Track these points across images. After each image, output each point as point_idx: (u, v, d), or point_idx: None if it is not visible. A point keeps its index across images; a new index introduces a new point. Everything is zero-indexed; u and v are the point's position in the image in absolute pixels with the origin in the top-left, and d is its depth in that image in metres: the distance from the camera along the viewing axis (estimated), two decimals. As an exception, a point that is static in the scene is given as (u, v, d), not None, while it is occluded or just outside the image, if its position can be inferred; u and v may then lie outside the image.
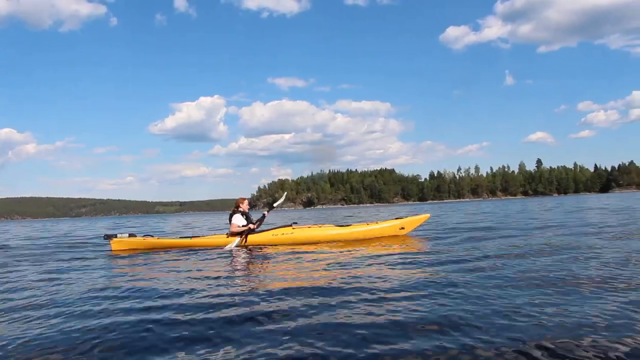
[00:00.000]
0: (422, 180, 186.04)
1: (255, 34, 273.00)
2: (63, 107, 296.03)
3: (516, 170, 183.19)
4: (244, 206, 8.87)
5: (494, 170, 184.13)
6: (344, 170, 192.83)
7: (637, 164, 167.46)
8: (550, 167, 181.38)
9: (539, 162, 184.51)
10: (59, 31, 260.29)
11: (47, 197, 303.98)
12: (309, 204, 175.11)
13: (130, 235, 8.76)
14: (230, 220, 8.74)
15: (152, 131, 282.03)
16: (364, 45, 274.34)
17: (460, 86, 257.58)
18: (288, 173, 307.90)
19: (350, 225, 9.07)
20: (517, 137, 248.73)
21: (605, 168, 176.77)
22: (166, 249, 8.47)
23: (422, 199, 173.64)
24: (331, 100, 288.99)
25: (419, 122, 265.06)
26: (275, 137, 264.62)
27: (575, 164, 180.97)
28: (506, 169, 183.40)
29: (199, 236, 9.17)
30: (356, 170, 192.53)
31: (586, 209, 18.93)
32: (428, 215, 9.76)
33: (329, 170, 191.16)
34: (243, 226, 8.60)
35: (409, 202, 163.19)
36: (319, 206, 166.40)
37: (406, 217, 9.41)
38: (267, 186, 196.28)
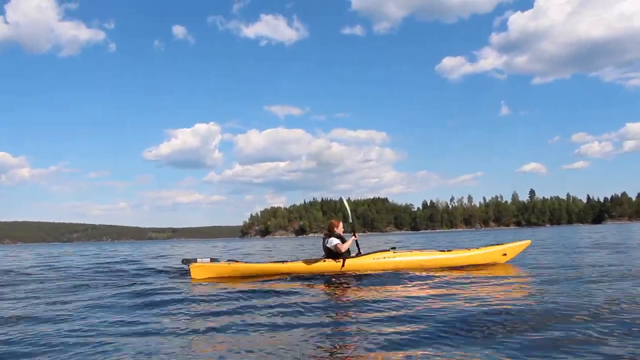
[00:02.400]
0: (415, 209, 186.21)
1: (252, 62, 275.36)
2: (58, 131, 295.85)
3: (509, 201, 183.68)
4: (339, 229, 8.28)
5: (487, 201, 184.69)
6: (336, 198, 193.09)
7: (630, 196, 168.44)
8: (543, 198, 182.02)
9: (532, 192, 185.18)
10: (58, 56, 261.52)
11: (38, 222, 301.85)
12: (301, 232, 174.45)
13: (212, 259, 8.03)
14: (324, 244, 8.19)
15: (146, 157, 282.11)
16: (361, 75, 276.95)
17: (455, 116, 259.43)
18: (282, 201, 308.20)
19: (451, 250, 8.66)
20: (511, 167, 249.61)
21: (598, 199, 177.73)
22: (255, 275, 7.75)
23: (414, 228, 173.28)
24: (327, 129, 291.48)
25: (414, 151, 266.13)
26: (270, 164, 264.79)
27: (568, 195, 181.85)
28: (499, 199, 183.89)
29: (290, 261, 8.40)
30: (349, 198, 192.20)
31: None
32: (529, 241, 9.36)
33: (322, 199, 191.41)
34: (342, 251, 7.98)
35: (402, 232, 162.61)
36: (310, 234, 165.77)
37: (508, 243, 9.04)
38: (259, 214, 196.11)
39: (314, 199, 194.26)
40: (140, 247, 40.38)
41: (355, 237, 8.33)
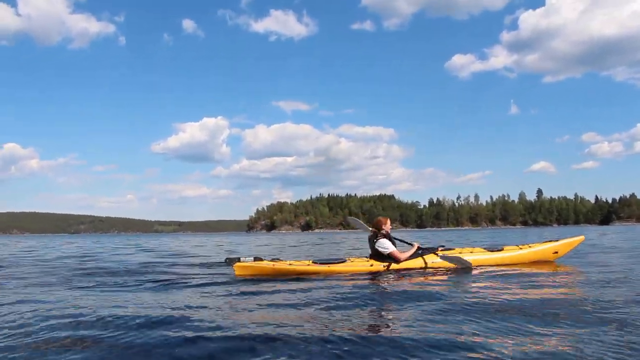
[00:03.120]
0: (421, 207, 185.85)
1: (261, 57, 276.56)
2: (67, 123, 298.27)
3: (516, 200, 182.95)
4: (387, 227, 7.90)
5: (494, 199, 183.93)
6: (343, 194, 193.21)
7: (639, 197, 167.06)
8: (551, 198, 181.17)
9: (539, 192, 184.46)
10: (68, 48, 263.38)
11: (46, 213, 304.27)
12: (306, 227, 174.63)
13: (256, 258, 7.86)
14: (371, 243, 7.87)
15: (154, 150, 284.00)
16: (369, 71, 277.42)
17: (464, 114, 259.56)
18: (289, 196, 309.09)
19: (501, 249, 8.44)
20: (519, 166, 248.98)
21: (606, 200, 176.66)
22: (300, 275, 7.52)
23: (420, 225, 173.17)
24: (335, 125, 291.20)
25: (421, 148, 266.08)
26: (277, 159, 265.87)
27: (576, 195, 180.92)
28: (506, 198, 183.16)
29: (335, 262, 8.11)
30: (355, 195, 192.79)
31: None
32: (582, 237, 9.08)
33: (328, 195, 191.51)
34: (400, 251, 7.68)
35: (407, 229, 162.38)
36: (316, 230, 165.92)
37: (559, 240, 8.78)
38: (265, 208, 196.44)
39: (320, 194, 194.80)
40: (169, 241, 40.40)
41: (418, 245, 7.91)
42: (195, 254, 14.64)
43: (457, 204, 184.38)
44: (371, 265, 7.67)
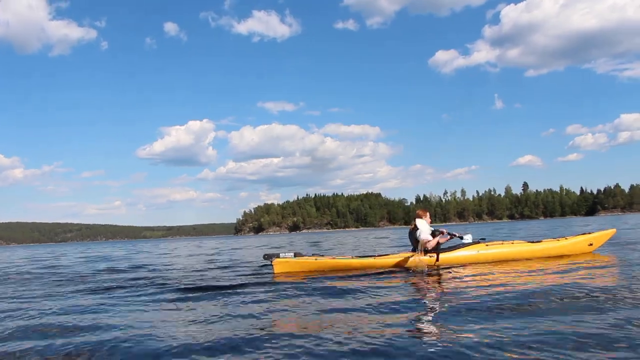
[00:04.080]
0: (409, 204, 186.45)
1: (245, 58, 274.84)
2: (51, 131, 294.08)
3: (502, 194, 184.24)
4: (427, 219, 7.85)
5: (480, 194, 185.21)
6: (330, 194, 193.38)
7: (623, 187, 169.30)
8: (537, 191, 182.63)
9: (525, 185, 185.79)
10: (49, 55, 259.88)
11: (32, 222, 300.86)
12: (294, 228, 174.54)
13: (296, 254, 7.71)
14: (411, 236, 7.84)
15: (140, 155, 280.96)
16: (354, 69, 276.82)
17: (449, 110, 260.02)
18: (277, 197, 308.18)
19: (540, 241, 8.45)
20: (505, 160, 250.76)
21: (591, 191, 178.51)
22: (342, 270, 7.41)
23: (408, 223, 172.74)
24: (321, 124, 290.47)
25: (408, 146, 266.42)
26: (264, 161, 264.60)
27: (561, 187, 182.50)
28: (492, 193, 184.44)
29: (378, 255, 8.06)
30: (342, 194, 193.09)
31: None
32: (614, 230, 9.15)
33: (315, 195, 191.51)
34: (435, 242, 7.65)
35: (395, 226, 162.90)
36: (304, 230, 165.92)
37: (592, 232, 8.82)
38: (253, 210, 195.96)
39: (307, 194, 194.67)
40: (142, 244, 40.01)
41: (446, 233, 7.87)
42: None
43: (444, 200, 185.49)
44: (416, 256, 7.61)
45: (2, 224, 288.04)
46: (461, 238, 7.81)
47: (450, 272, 6.85)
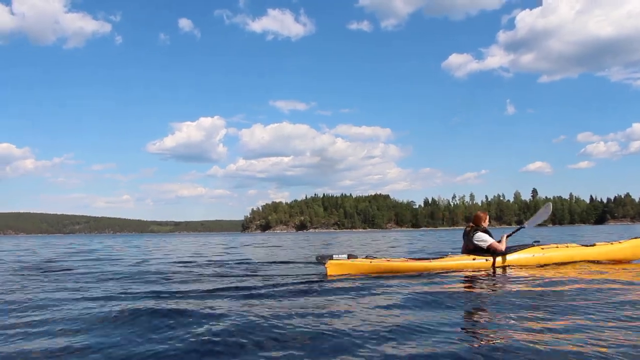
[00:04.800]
0: (417, 207, 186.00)
1: (258, 57, 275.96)
2: (63, 123, 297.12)
3: (511, 199, 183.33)
4: (486, 222, 7.79)
5: (489, 199, 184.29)
6: (338, 194, 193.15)
7: (633, 197, 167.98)
8: (546, 197, 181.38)
9: (534, 191, 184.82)
10: (63, 48, 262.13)
11: (41, 213, 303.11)
12: (301, 227, 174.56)
13: (350, 256, 7.54)
14: (467, 238, 7.75)
15: (150, 150, 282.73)
16: (367, 71, 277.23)
17: (461, 114, 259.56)
18: (285, 196, 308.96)
19: (594, 244, 8.29)
20: (515, 166, 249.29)
21: (601, 200, 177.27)
22: (397, 273, 7.30)
23: (415, 225, 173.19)
24: (332, 125, 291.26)
25: (418, 148, 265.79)
26: (274, 159, 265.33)
27: (570, 195, 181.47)
28: (501, 198, 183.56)
29: (433, 258, 7.94)
30: (350, 195, 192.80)
31: None
32: None
33: (323, 195, 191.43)
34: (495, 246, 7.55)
35: (403, 229, 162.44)
36: (311, 230, 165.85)
37: None
38: (260, 208, 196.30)
39: (315, 194, 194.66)
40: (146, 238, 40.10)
41: (505, 237, 7.75)
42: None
43: (452, 204, 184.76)
44: (473, 260, 7.53)
45: (12, 213, 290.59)
46: (522, 226, 7.85)
47: (507, 276, 6.79)
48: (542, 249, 7.81)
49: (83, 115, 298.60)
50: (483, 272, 7.13)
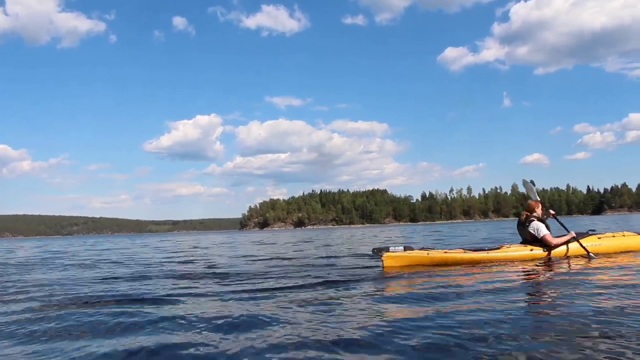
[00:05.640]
0: (414, 201, 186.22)
1: (253, 53, 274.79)
2: (58, 123, 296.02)
3: (509, 192, 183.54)
4: (539, 211, 7.76)
5: (487, 192, 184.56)
6: (336, 190, 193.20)
7: (630, 187, 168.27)
8: (543, 189, 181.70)
9: (532, 183, 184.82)
10: (57, 47, 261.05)
11: (39, 215, 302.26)
12: (299, 224, 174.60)
13: (407, 248, 7.58)
14: (521, 228, 7.77)
15: (147, 149, 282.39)
16: (362, 65, 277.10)
17: (457, 107, 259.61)
18: (283, 192, 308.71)
19: None
20: (513, 158, 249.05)
21: (598, 190, 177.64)
22: (454, 264, 7.30)
23: (413, 220, 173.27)
24: (328, 120, 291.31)
25: (415, 142, 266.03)
26: (271, 156, 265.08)
27: (568, 186, 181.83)
28: (499, 190, 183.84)
29: (492, 248, 7.88)
30: (348, 190, 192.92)
31: None
32: None
33: (320, 191, 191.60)
34: (559, 236, 7.52)
35: (401, 223, 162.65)
36: (309, 226, 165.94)
37: None
38: (258, 206, 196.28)
39: (312, 190, 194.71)
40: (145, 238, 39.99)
41: (572, 234, 7.65)
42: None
43: (449, 197, 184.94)
44: (531, 251, 7.51)
45: (9, 215, 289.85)
46: (567, 231, 7.74)
47: (565, 266, 6.74)
48: (599, 238, 7.79)
49: (78, 115, 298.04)
50: (541, 263, 7.09)
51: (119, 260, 11.99)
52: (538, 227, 7.51)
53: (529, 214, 7.75)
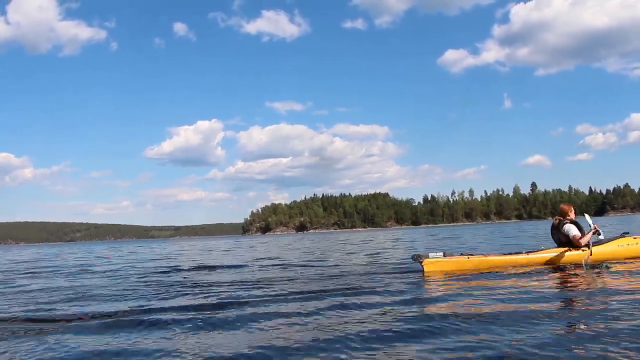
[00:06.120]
0: (416, 204, 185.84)
1: (254, 58, 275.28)
2: (60, 131, 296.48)
3: (511, 194, 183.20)
4: (572, 214, 7.86)
5: (489, 194, 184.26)
6: (337, 194, 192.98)
7: (633, 187, 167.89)
8: (545, 190, 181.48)
9: (533, 185, 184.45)
10: (59, 55, 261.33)
11: (41, 222, 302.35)
12: (301, 228, 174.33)
13: (446, 254, 7.64)
14: (554, 232, 7.87)
15: (148, 155, 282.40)
16: (362, 69, 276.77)
17: (458, 109, 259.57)
18: (285, 197, 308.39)
19: None
20: (514, 160, 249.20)
21: (600, 191, 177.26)
22: (494, 268, 7.31)
23: (415, 223, 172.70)
24: (329, 124, 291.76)
25: (416, 145, 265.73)
26: (272, 160, 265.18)
27: (570, 187, 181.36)
28: (500, 193, 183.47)
29: (531, 251, 7.99)
30: (349, 194, 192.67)
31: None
32: None
33: (322, 195, 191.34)
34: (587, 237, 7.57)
35: (403, 227, 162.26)
36: (311, 230, 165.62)
37: None
38: (260, 210, 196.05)
39: (314, 194, 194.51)
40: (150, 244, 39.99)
41: (597, 228, 7.71)
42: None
43: (451, 200, 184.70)
44: (568, 252, 7.59)
45: (12, 223, 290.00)
46: (598, 234, 7.76)
47: (605, 268, 6.79)
48: (635, 238, 7.88)
49: (80, 122, 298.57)
50: (579, 265, 7.18)
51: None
52: (569, 229, 7.66)
53: (561, 218, 7.88)
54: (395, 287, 6.05)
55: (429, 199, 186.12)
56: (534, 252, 7.84)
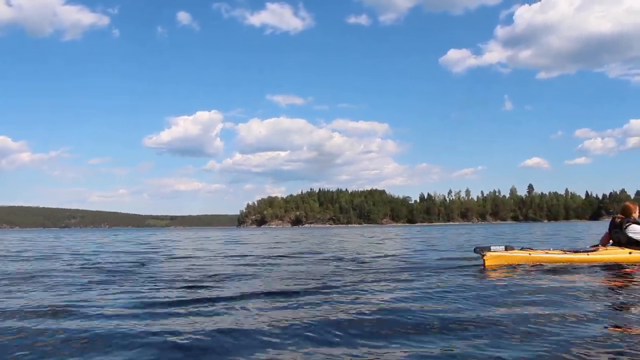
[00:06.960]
0: (412, 202, 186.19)
1: (256, 51, 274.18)
2: (60, 116, 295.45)
3: (507, 195, 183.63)
4: (636, 213, 7.69)
5: (485, 195, 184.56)
6: (334, 189, 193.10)
7: (629, 193, 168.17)
8: (542, 193, 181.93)
9: (530, 187, 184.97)
10: (60, 40, 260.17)
11: (37, 207, 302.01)
12: (296, 222, 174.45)
13: (507, 248, 7.66)
14: (616, 230, 7.71)
15: (147, 144, 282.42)
16: (364, 65, 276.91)
17: (458, 109, 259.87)
18: (282, 191, 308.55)
19: None
20: (513, 161, 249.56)
21: (597, 196, 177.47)
22: (557, 265, 7.31)
23: (410, 220, 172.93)
24: (329, 119, 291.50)
25: (415, 144, 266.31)
26: (270, 154, 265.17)
27: (566, 191, 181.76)
28: (497, 194, 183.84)
29: (593, 250, 7.91)
30: (346, 190, 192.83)
31: None
32: None
33: (319, 189, 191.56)
34: None
35: (398, 224, 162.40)
36: (306, 225, 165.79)
37: None
38: (256, 203, 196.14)
39: (311, 189, 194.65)
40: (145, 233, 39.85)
41: None
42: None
43: (448, 199, 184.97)
44: (629, 253, 7.52)
45: (7, 207, 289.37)
46: None
47: None
48: None
49: (80, 108, 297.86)
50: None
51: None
52: (636, 230, 7.49)
53: (623, 216, 7.72)
54: (458, 281, 6.08)
55: (426, 197, 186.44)
56: (592, 251, 7.78)
